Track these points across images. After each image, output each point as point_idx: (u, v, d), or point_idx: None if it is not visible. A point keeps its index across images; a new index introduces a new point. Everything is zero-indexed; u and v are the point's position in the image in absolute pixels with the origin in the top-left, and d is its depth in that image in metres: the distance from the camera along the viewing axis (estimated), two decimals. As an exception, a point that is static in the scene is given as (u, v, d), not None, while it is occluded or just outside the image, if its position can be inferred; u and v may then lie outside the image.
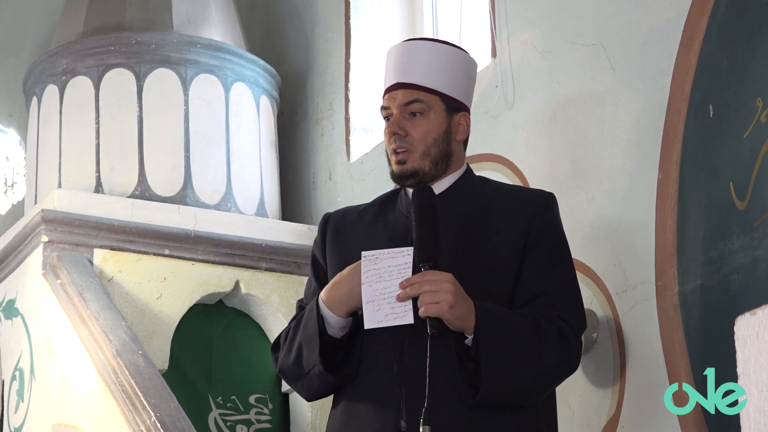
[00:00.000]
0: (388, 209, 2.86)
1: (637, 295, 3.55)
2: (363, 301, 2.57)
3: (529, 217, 2.77)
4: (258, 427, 4.97)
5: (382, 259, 2.59)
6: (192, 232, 4.91)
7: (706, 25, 3.41)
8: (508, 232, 2.73)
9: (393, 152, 2.78)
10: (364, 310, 2.57)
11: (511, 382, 2.60)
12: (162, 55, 5.17)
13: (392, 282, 2.57)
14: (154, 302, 4.80)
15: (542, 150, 4.02)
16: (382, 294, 2.56)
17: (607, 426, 3.59)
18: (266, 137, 5.36)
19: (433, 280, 2.53)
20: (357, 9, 5.22)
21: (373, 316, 2.56)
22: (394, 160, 2.79)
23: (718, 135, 3.32)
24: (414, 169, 2.76)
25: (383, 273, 2.58)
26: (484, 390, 2.56)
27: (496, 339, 2.57)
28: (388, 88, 2.83)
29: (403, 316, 2.55)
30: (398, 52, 2.88)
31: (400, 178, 2.79)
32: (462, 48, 2.99)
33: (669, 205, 3.46)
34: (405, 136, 2.77)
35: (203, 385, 4.93)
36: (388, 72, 2.86)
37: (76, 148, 5.11)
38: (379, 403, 2.60)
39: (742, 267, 3.17)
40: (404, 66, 2.82)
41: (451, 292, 2.53)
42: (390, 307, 2.55)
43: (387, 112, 2.82)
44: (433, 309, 2.52)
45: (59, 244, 4.72)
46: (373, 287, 2.57)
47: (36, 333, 4.69)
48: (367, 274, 2.58)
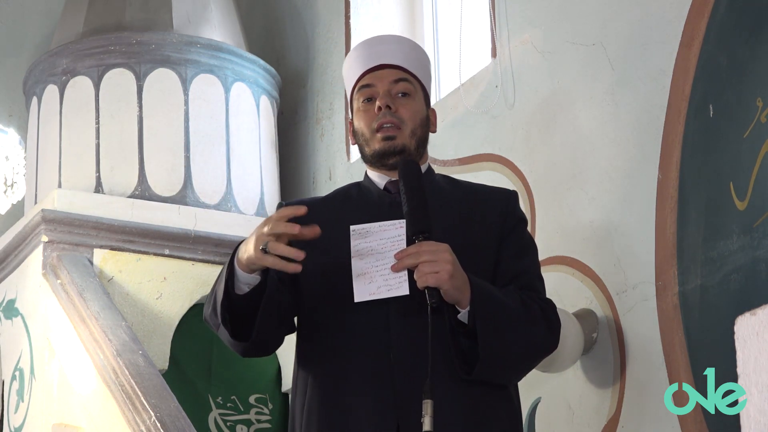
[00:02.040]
0: (354, 197, 2.79)
1: (637, 295, 3.55)
2: (353, 275, 2.53)
3: (502, 209, 2.76)
4: (258, 427, 4.97)
5: (373, 232, 2.54)
6: (192, 232, 4.91)
7: (706, 25, 3.41)
8: (485, 219, 2.72)
9: (379, 128, 2.69)
10: (354, 284, 2.52)
11: (505, 356, 2.58)
12: (162, 55, 5.17)
13: (385, 254, 2.51)
14: (154, 302, 4.81)
15: (542, 150, 4.02)
16: (375, 266, 2.51)
17: (607, 426, 3.59)
18: (266, 137, 5.36)
19: (432, 250, 2.48)
20: (357, 9, 5.22)
21: (364, 289, 2.51)
22: (381, 136, 2.69)
23: (718, 135, 3.32)
24: (403, 146, 2.70)
25: (375, 246, 2.52)
26: (481, 363, 2.52)
27: (491, 312, 2.55)
28: (369, 69, 2.76)
29: (398, 288, 2.50)
30: (370, 43, 2.85)
31: (385, 155, 2.70)
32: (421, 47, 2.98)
33: (669, 205, 3.46)
34: (395, 112, 2.70)
35: (203, 385, 4.93)
36: (364, 60, 2.79)
37: (76, 148, 5.12)
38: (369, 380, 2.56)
39: (742, 267, 3.17)
40: (384, 51, 2.78)
41: (450, 262, 2.48)
42: (383, 279, 2.50)
43: (369, 91, 2.73)
44: (433, 279, 2.46)
45: (59, 244, 4.73)
46: (364, 260, 2.52)
47: (36, 333, 4.69)
48: (357, 247, 2.53)
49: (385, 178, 2.75)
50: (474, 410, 2.57)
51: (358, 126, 2.75)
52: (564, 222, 3.88)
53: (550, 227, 3.93)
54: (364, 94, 2.75)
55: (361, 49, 2.83)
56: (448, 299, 2.52)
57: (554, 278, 3.83)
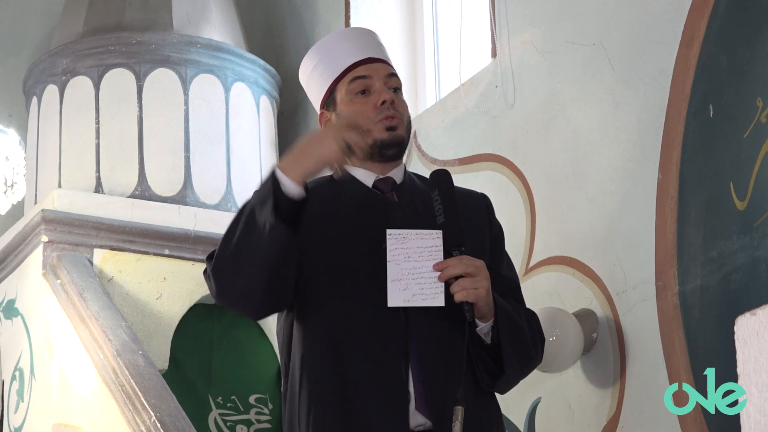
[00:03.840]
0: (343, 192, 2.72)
1: (637, 295, 3.55)
2: (389, 279, 2.54)
3: (485, 213, 2.79)
4: (258, 427, 4.97)
5: (410, 239, 2.56)
6: (192, 232, 4.91)
7: (706, 25, 3.41)
8: (472, 221, 2.72)
9: (384, 119, 2.67)
10: (389, 288, 2.53)
11: (519, 369, 2.65)
12: (162, 55, 5.17)
13: (422, 263, 2.54)
14: (154, 302, 4.81)
15: (542, 150, 4.02)
16: (411, 274, 2.54)
17: (607, 426, 3.59)
18: (266, 137, 5.36)
19: (474, 265, 2.53)
20: (357, 9, 5.22)
21: (399, 295, 2.53)
22: (385, 126, 2.67)
23: (718, 135, 3.32)
24: (402, 138, 2.70)
25: (411, 253, 2.55)
26: (506, 377, 2.60)
27: (511, 330, 2.61)
28: (361, 61, 2.73)
29: (434, 298, 2.53)
30: (355, 33, 2.84)
31: (389, 145, 2.68)
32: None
33: (669, 205, 3.46)
34: (396, 107, 2.70)
35: (203, 385, 4.93)
36: (351, 48, 2.76)
37: (76, 148, 5.12)
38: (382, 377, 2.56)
39: (742, 267, 3.17)
40: (368, 45, 2.77)
41: (488, 279, 2.54)
42: (419, 288, 2.53)
43: (365, 82, 2.71)
44: (474, 295, 2.51)
45: (59, 244, 4.73)
46: (400, 266, 2.54)
47: (36, 333, 4.69)
48: (394, 252, 2.55)
49: (372, 175, 2.72)
50: (483, 417, 2.61)
51: (351, 117, 2.69)
52: (564, 222, 3.88)
53: (550, 227, 3.93)
54: (361, 86, 2.72)
55: (340, 41, 2.79)
56: (477, 314, 2.57)
57: (554, 278, 3.84)
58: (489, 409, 2.65)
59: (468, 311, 2.52)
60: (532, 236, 3.96)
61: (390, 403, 2.53)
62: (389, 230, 2.57)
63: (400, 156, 2.74)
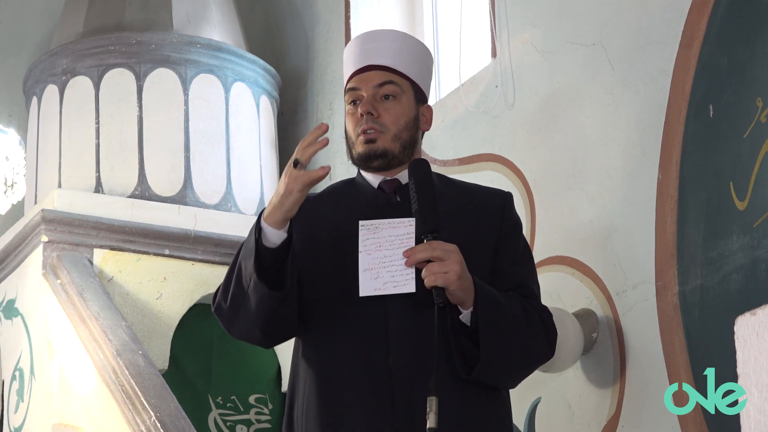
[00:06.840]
0: (347, 194, 2.80)
1: (637, 295, 3.55)
2: (360, 270, 2.54)
3: (499, 210, 2.76)
4: (258, 427, 4.97)
5: (382, 228, 2.56)
6: (192, 232, 4.91)
7: (706, 25, 3.41)
8: (481, 219, 2.72)
9: (362, 133, 2.71)
10: (360, 278, 2.54)
11: (504, 360, 2.60)
12: (162, 55, 5.17)
13: (393, 251, 2.53)
14: (154, 302, 4.81)
15: (542, 150, 4.02)
16: (382, 262, 2.53)
17: (607, 426, 3.59)
18: (266, 137, 5.36)
19: (443, 249, 2.51)
20: (357, 9, 5.23)
21: (369, 284, 2.53)
22: (362, 140, 2.72)
23: (718, 135, 3.32)
24: (384, 150, 2.71)
25: (383, 242, 2.55)
26: (482, 365, 2.54)
27: (494, 316, 2.56)
28: (357, 71, 2.77)
29: (404, 285, 2.52)
30: (364, 39, 2.83)
31: (368, 158, 2.72)
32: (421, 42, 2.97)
33: (669, 205, 3.46)
34: (377, 118, 2.71)
35: (203, 385, 4.93)
36: (355, 58, 2.79)
37: (76, 148, 5.12)
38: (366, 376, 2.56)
39: (742, 267, 3.17)
40: (374, 50, 2.78)
41: (459, 263, 2.50)
42: (390, 275, 2.52)
43: (355, 94, 2.75)
44: (442, 279, 2.48)
45: (59, 244, 4.73)
46: (371, 255, 2.54)
47: (36, 333, 4.69)
48: (365, 242, 2.55)
49: (378, 177, 2.76)
50: (471, 410, 2.58)
51: (346, 128, 2.79)
52: (564, 222, 3.88)
53: (550, 227, 3.93)
54: (351, 97, 2.77)
55: (354, 47, 2.82)
56: (453, 300, 2.54)
57: (554, 278, 3.84)
58: (490, 404, 2.62)
59: (438, 296, 2.48)
60: (532, 236, 3.96)
61: (374, 404, 2.54)
62: (362, 221, 2.58)
63: (390, 166, 2.73)
